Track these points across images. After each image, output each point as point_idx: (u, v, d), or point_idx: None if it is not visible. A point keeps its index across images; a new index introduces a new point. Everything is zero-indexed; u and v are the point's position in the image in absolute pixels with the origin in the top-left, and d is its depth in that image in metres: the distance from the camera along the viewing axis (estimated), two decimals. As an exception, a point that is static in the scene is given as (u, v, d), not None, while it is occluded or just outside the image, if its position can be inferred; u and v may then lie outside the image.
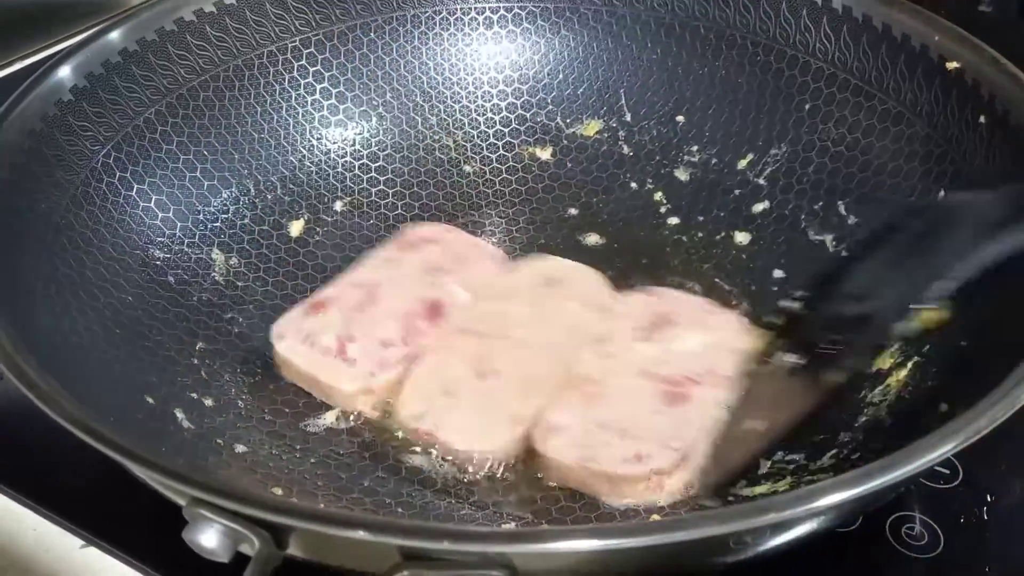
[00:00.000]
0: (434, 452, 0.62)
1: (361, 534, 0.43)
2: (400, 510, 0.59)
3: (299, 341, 0.67)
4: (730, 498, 0.58)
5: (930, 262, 0.58)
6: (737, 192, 0.79)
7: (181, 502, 0.46)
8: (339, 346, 0.66)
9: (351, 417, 0.65)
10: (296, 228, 0.78)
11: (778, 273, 0.74)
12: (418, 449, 0.63)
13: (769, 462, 0.60)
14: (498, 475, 0.61)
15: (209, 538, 0.45)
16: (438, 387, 0.64)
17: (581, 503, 0.59)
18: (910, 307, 0.58)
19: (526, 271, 0.74)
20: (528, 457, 0.61)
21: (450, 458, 0.62)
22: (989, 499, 0.61)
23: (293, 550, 0.47)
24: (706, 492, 0.58)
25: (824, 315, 0.63)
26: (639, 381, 0.63)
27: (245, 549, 0.46)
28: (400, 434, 0.63)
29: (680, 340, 0.66)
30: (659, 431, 0.60)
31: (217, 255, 0.74)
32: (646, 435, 0.60)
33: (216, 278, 0.72)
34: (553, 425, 0.61)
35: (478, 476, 0.61)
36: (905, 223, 0.64)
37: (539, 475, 0.61)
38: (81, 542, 0.58)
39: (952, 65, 0.69)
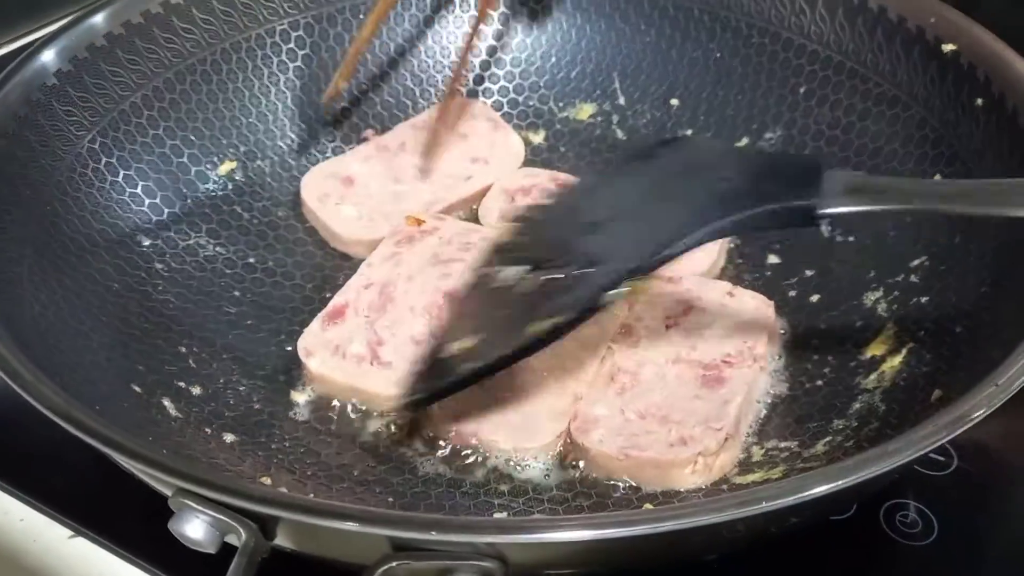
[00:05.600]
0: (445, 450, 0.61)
1: (348, 525, 0.43)
2: (390, 499, 0.58)
3: (329, 354, 0.65)
4: (724, 486, 0.58)
5: (665, 224, 0.55)
6: (731, 176, 0.78)
7: (167, 492, 0.46)
8: (371, 352, 0.65)
9: (339, 406, 0.65)
10: (285, 214, 0.77)
11: (773, 259, 0.73)
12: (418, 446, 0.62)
13: (763, 449, 0.60)
14: (543, 470, 0.60)
15: (195, 529, 0.45)
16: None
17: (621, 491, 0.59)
18: (629, 269, 0.54)
19: None
20: (569, 450, 0.61)
21: (495, 457, 0.61)
22: (984, 486, 0.60)
23: (281, 540, 0.47)
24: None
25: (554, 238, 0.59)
26: (673, 368, 0.63)
27: (232, 540, 0.45)
28: (433, 434, 0.62)
29: (708, 325, 0.66)
30: (700, 414, 0.60)
31: (206, 242, 0.73)
32: (687, 419, 0.60)
33: (204, 265, 0.72)
34: (592, 418, 0.61)
35: (524, 474, 0.60)
36: (654, 169, 0.60)
37: (579, 466, 0.60)
38: (69, 532, 0.58)
39: (948, 47, 0.68)
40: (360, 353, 0.65)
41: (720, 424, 0.59)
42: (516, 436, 0.61)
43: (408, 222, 0.75)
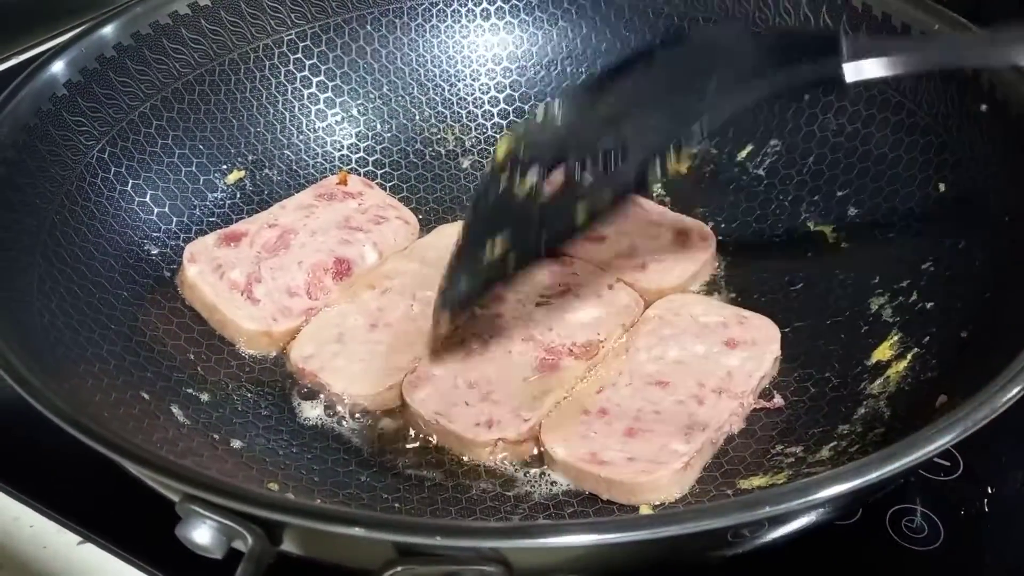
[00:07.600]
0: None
1: (354, 530, 0.43)
2: (397, 505, 0.59)
3: (210, 269, 0.68)
4: (729, 492, 0.58)
5: (689, 103, 0.53)
6: (737, 183, 0.78)
7: (174, 498, 0.46)
8: (247, 284, 0.68)
9: (348, 412, 0.65)
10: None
11: (776, 263, 0.73)
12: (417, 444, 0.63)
13: (768, 454, 0.60)
14: (369, 420, 0.63)
15: (202, 534, 0.45)
16: (333, 334, 0.67)
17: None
18: (666, 148, 0.52)
19: (438, 235, 0.75)
20: (402, 407, 0.64)
21: (329, 401, 0.64)
22: (989, 491, 0.60)
23: (287, 546, 0.47)
24: None
25: (580, 140, 0.58)
26: (521, 345, 0.65)
27: (239, 545, 0.46)
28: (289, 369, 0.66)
29: (575, 310, 0.68)
30: (518, 399, 0.62)
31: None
32: (505, 401, 0.62)
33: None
34: (427, 375, 0.64)
35: (346, 420, 0.64)
36: (664, 59, 0.59)
37: (408, 424, 0.63)
38: (78, 539, 0.58)
39: (952, 53, 0.68)
40: (236, 280, 0.68)
41: (529, 415, 0.61)
42: (349, 383, 0.64)
43: (339, 177, 0.77)
